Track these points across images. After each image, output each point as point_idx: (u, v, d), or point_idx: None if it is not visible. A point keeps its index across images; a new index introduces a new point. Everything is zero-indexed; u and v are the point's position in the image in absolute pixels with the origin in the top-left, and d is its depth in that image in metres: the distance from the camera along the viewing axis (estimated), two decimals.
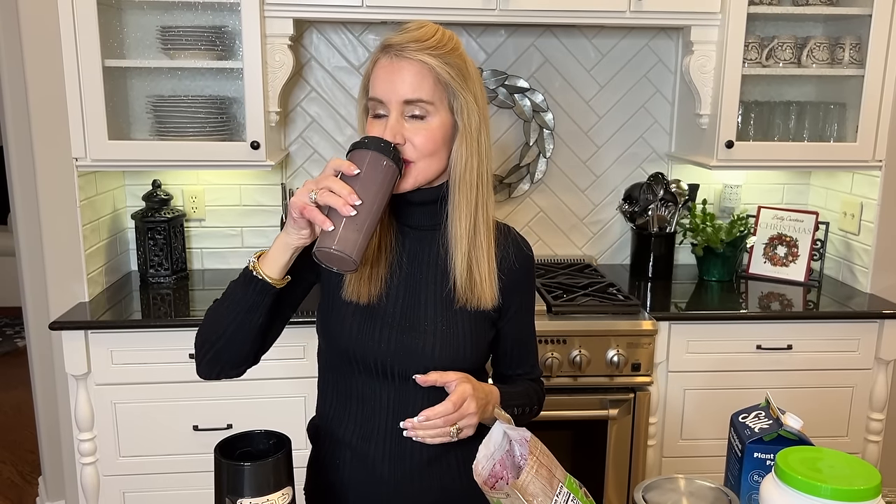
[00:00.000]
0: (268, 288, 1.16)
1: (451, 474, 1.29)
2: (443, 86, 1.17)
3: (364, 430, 1.27)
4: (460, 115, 1.19)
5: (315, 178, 1.09)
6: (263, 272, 1.16)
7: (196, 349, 1.25)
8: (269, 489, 1.02)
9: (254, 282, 1.16)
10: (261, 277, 1.16)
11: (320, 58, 2.64)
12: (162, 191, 2.57)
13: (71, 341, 2.13)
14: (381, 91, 1.17)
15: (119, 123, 2.37)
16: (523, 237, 1.35)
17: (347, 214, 1.05)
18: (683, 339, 2.31)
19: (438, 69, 1.16)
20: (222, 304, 1.21)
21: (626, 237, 2.83)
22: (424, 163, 1.18)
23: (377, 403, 1.26)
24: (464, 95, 1.18)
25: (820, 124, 2.55)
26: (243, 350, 1.23)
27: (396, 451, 1.26)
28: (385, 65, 1.17)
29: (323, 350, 1.33)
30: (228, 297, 1.20)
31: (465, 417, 1.16)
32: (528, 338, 1.39)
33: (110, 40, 2.30)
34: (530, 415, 1.37)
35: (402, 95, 1.15)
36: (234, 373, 1.26)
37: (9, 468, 3.31)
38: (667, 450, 2.38)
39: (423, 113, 1.16)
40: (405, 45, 1.16)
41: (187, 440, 2.22)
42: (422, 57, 1.15)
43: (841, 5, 2.45)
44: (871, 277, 2.51)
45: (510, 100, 2.70)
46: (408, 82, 1.15)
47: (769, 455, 1.05)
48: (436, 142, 1.18)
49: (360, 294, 1.23)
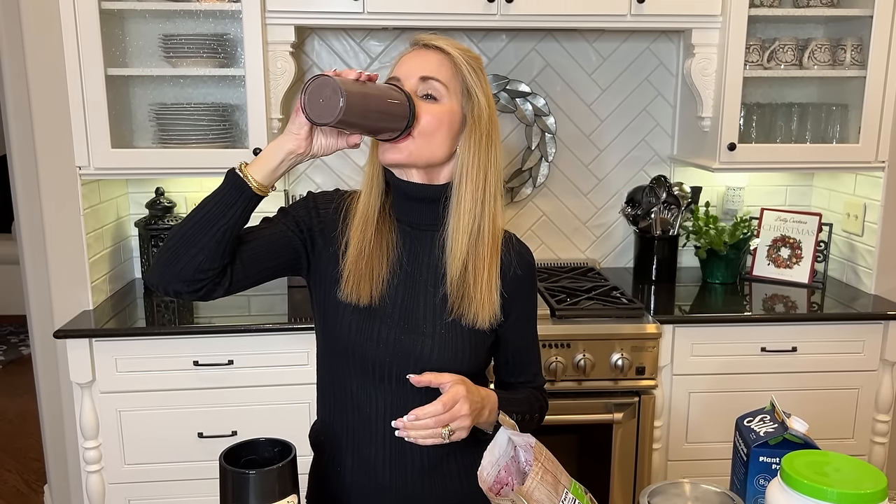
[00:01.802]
0: (250, 194, 1.13)
1: (453, 480, 1.28)
2: (460, 78, 1.21)
3: (363, 436, 1.26)
4: (471, 111, 1.21)
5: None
6: (249, 173, 1.13)
7: (159, 255, 1.16)
8: (275, 497, 1.02)
9: (236, 184, 1.13)
10: (242, 175, 1.13)
11: (322, 64, 2.65)
12: (165, 198, 2.58)
13: (75, 349, 2.13)
14: (401, 70, 1.21)
15: (122, 132, 2.38)
16: (524, 244, 1.34)
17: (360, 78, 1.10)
18: (688, 342, 2.30)
19: (459, 62, 1.20)
20: (200, 209, 1.14)
21: (629, 240, 2.83)
22: (421, 141, 1.18)
23: (373, 409, 1.25)
24: (477, 94, 1.21)
25: (822, 126, 2.55)
26: (199, 256, 1.13)
27: (397, 456, 1.25)
28: (411, 53, 1.23)
29: (321, 352, 1.32)
30: (207, 201, 1.14)
31: (458, 419, 1.14)
32: (530, 346, 1.37)
33: (113, 49, 2.31)
34: (531, 423, 1.34)
35: (419, 72, 1.19)
36: (184, 287, 1.15)
37: (14, 477, 3.31)
38: (672, 453, 2.37)
39: (436, 94, 1.19)
40: (435, 39, 1.22)
41: (192, 448, 2.22)
42: (447, 48, 1.21)
43: (842, 6, 2.45)
44: (875, 278, 2.51)
45: (512, 104, 2.70)
46: (429, 62, 1.20)
47: (775, 459, 1.05)
48: (440, 124, 1.19)
49: (361, 295, 1.22)
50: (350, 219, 1.26)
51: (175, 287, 1.16)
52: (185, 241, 1.13)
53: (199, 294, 1.17)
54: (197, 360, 2.17)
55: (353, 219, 1.26)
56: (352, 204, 1.28)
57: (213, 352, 2.17)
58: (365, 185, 1.26)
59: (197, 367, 2.17)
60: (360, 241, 1.23)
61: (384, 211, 1.27)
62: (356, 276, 1.22)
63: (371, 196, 1.25)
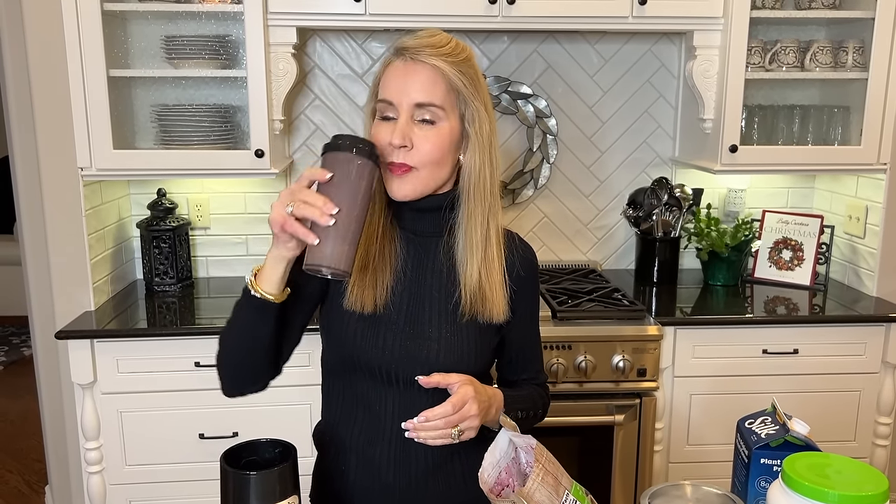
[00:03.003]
0: (268, 305, 1.14)
1: (457, 480, 1.29)
2: (455, 93, 1.17)
3: (369, 436, 1.27)
4: (472, 125, 1.19)
5: (290, 187, 1.07)
6: (262, 289, 1.13)
7: (217, 371, 1.25)
8: (276, 498, 1.02)
9: (253, 300, 1.14)
10: (259, 295, 1.13)
11: (324, 66, 2.65)
12: (167, 199, 2.58)
13: (77, 350, 2.13)
14: (392, 93, 1.16)
15: (124, 133, 2.38)
16: (527, 243, 1.35)
17: (326, 224, 1.03)
18: (689, 344, 2.30)
19: (452, 76, 1.16)
20: (230, 327, 1.20)
21: (631, 242, 2.83)
22: (428, 171, 1.18)
23: (382, 409, 1.25)
24: (475, 104, 1.18)
25: (824, 128, 2.55)
26: (258, 367, 1.22)
27: (402, 456, 1.26)
28: (398, 67, 1.17)
29: (326, 355, 1.33)
30: (234, 318, 1.19)
31: (467, 419, 1.15)
32: (533, 343, 1.39)
33: (115, 50, 2.31)
34: (535, 419, 1.37)
35: (414, 98, 1.15)
36: (256, 388, 1.27)
37: (15, 477, 3.31)
38: (673, 455, 2.37)
39: (434, 118, 1.16)
40: (419, 49, 1.16)
41: (193, 448, 2.22)
42: (436, 62, 1.15)
43: (844, 8, 2.45)
44: (876, 281, 2.50)
45: (513, 106, 2.70)
46: (420, 85, 1.15)
47: (776, 461, 1.05)
48: (443, 149, 1.17)
49: (365, 303, 1.22)
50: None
51: (251, 390, 1.28)
52: (241, 368, 1.23)
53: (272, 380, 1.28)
54: (198, 361, 2.17)
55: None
56: None
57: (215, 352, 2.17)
58: None
59: (198, 368, 2.17)
60: (366, 255, 1.23)
61: (387, 221, 1.27)
62: (360, 286, 1.23)
63: (375, 211, 1.24)
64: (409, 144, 1.15)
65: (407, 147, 1.15)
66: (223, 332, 1.22)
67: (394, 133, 1.14)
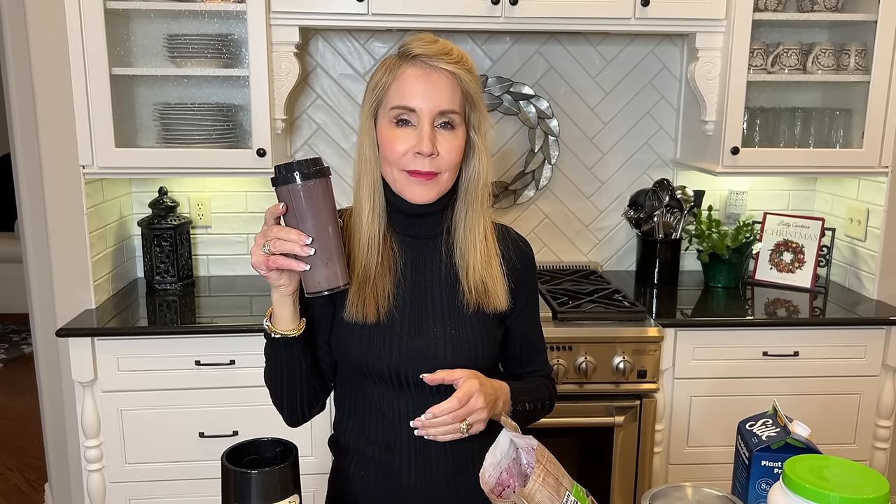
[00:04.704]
0: (291, 340, 1.20)
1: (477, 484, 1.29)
2: (467, 100, 1.21)
3: (387, 442, 1.27)
4: (478, 130, 1.23)
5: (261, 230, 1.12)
6: (279, 330, 1.19)
7: (278, 411, 1.32)
8: (276, 497, 1.02)
9: (277, 342, 1.21)
10: (279, 336, 1.19)
11: (326, 65, 2.65)
12: (168, 198, 2.58)
13: (77, 348, 2.13)
14: (414, 99, 1.18)
15: (126, 131, 2.38)
16: (521, 235, 1.37)
17: (308, 254, 1.08)
18: (689, 346, 2.30)
19: (466, 82, 1.20)
20: (269, 371, 1.27)
21: (632, 243, 2.83)
22: (449, 175, 1.22)
23: (397, 414, 1.26)
24: (480, 110, 1.23)
25: (826, 130, 2.55)
26: (309, 394, 1.29)
27: (422, 461, 1.26)
28: (416, 74, 1.18)
29: (337, 365, 1.34)
30: (268, 362, 1.26)
31: (474, 413, 1.16)
32: (536, 335, 1.40)
33: (117, 49, 2.31)
34: (542, 411, 1.38)
35: (439, 105, 1.18)
36: (316, 411, 1.33)
37: (15, 475, 3.31)
38: (673, 457, 2.37)
39: (453, 123, 1.20)
40: (436, 56, 1.18)
41: (193, 447, 2.22)
42: (453, 69, 1.19)
43: (846, 11, 2.45)
44: (877, 284, 2.50)
45: (515, 106, 2.70)
46: (444, 93, 1.18)
47: (777, 463, 1.05)
48: (459, 154, 1.22)
49: (368, 314, 1.23)
50: (348, 238, 1.25)
51: (312, 414, 1.34)
52: (293, 401, 1.29)
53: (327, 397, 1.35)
54: (199, 359, 2.17)
55: (352, 239, 1.26)
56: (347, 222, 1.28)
57: (215, 351, 2.18)
58: (364, 208, 1.25)
59: (199, 367, 2.17)
60: (366, 265, 1.24)
61: (384, 228, 1.27)
62: (362, 297, 1.23)
63: (373, 218, 1.25)
64: (436, 152, 1.18)
65: (435, 155, 1.18)
66: (265, 377, 1.29)
67: (422, 141, 1.17)
